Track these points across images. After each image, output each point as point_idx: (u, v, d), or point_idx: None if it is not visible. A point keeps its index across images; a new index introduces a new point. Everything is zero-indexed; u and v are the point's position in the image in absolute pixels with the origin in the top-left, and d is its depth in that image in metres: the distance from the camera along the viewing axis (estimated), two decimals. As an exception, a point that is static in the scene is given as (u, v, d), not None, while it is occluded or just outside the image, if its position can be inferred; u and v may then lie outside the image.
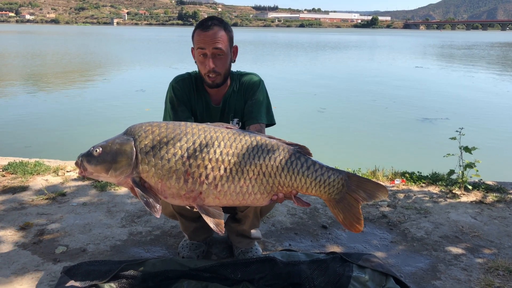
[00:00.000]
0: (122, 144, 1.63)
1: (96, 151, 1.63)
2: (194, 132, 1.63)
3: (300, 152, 1.70)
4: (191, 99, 2.17)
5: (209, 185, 1.61)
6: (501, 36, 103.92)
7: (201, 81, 2.18)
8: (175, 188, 1.61)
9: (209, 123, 1.72)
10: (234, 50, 2.15)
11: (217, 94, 2.19)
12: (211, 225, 1.64)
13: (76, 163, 1.67)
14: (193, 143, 1.61)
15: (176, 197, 1.64)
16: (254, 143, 1.66)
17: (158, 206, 1.59)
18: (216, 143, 1.62)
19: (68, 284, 1.90)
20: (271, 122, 2.20)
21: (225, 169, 1.61)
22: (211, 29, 2.01)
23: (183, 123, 1.70)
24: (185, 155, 1.59)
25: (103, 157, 1.62)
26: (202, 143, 1.61)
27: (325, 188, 1.70)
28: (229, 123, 2.18)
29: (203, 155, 1.60)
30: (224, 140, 1.63)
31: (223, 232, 1.66)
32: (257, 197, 1.68)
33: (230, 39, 2.09)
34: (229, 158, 1.62)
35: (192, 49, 2.13)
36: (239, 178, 1.63)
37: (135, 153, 1.61)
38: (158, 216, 1.59)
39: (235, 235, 2.30)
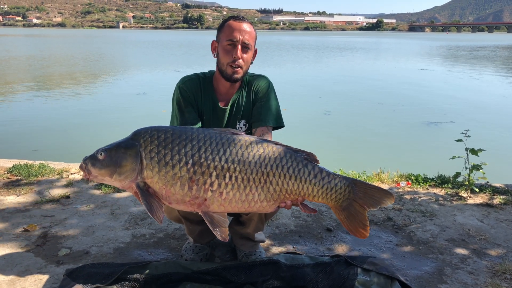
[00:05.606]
0: (127, 148, 1.62)
1: (101, 154, 1.63)
2: (200, 139, 1.62)
3: (307, 159, 1.68)
4: (198, 100, 2.13)
5: (213, 192, 1.60)
6: (507, 38, 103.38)
7: (209, 82, 2.16)
8: (180, 195, 1.60)
9: (215, 128, 1.71)
10: (254, 52, 2.16)
11: (225, 95, 2.17)
12: (216, 233, 1.63)
13: (81, 166, 1.67)
14: (198, 150, 1.60)
15: (180, 203, 1.63)
16: (261, 150, 1.64)
17: (160, 213, 1.59)
18: (221, 150, 1.61)
19: (70, 286, 1.90)
20: (279, 125, 2.18)
21: (230, 177, 1.60)
22: (245, 22, 2.07)
23: (189, 128, 1.69)
24: (190, 162, 1.58)
25: (108, 161, 1.62)
26: (208, 150, 1.60)
27: (332, 195, 1.69)
28: (236, 124, 2.17)
29: (208, 162, 1.59)
30: (230, 147, 1.61)
31: (227, 240, 1.65)
32: (263, 205, 1.66)
33: (256, 39, 2.12)
34: (235, 165, 1.60)
35: (214, 41, 2.14)
36: (245, 186, 1.61)
37: (140, 158, 1.61)
38: (160, 224, 1.58)
39: (239, 237, 2.28)
